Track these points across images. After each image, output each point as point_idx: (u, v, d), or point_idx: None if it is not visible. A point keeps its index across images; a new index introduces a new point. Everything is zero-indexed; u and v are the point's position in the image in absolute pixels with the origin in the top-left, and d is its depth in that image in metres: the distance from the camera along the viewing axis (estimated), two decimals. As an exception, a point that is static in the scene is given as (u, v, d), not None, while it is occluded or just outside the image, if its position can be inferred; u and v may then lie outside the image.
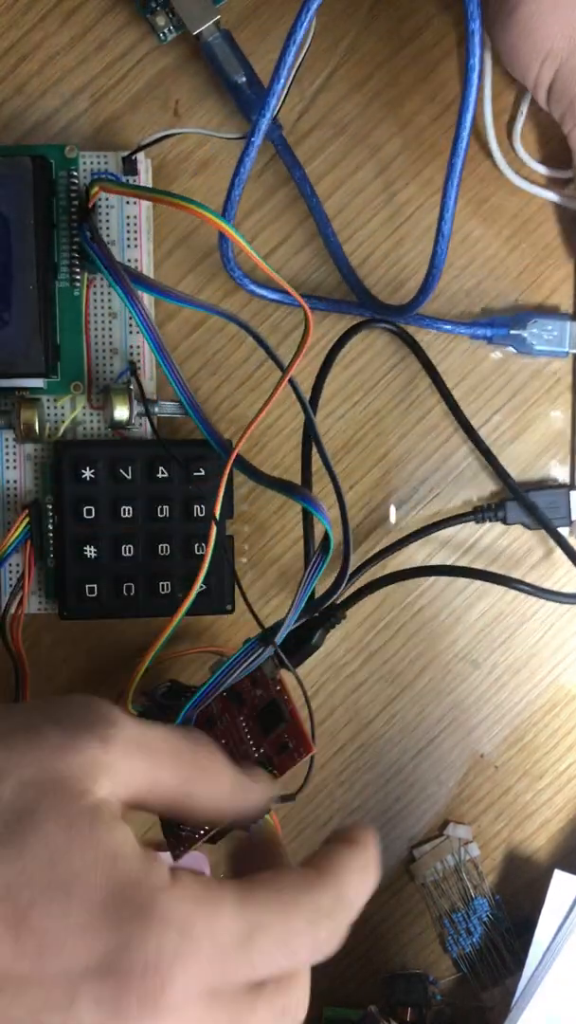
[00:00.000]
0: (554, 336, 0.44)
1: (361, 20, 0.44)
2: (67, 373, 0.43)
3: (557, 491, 0.45)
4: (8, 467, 0.44)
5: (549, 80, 0.39)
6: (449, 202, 0.39)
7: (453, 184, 0.39)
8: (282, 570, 0.46)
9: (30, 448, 0.44)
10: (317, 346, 0.45)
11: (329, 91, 0.45)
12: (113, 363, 0.43)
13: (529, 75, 0.39)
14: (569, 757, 0.47)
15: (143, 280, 0.40)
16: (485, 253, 0.45)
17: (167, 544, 0.43)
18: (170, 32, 0.43)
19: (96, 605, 0.43)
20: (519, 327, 0.44)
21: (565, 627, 0.47)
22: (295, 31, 0.37)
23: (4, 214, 0.40)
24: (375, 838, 0.31)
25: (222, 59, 0.42)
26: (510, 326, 0.44)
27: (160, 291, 0.40)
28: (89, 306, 0.43)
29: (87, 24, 0.44)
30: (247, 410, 0.45)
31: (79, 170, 0.43)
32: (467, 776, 0.47)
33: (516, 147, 0.44)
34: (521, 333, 0.44)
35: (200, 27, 0.41)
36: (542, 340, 0.44)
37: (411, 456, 0.46)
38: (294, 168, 0.44)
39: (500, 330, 0.44)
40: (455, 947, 0.47)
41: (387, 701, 0.47)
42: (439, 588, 0.46)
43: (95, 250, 0.40)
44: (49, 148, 0.42)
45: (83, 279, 0.43)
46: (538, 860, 0.47)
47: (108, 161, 0.43)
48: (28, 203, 0.40)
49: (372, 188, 0.45)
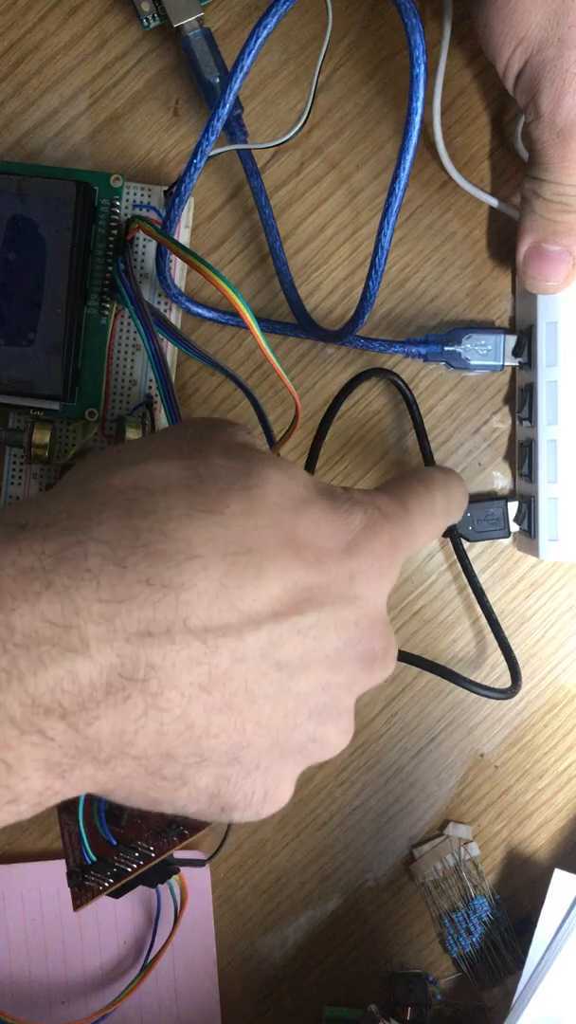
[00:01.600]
0: (489, 350, 0.44)
1: (361, 21, 0.44)
2: (84, 399, 0.43)
3: (494, 502, 0.45)
4: (13, 483, 0.43)
5: (518, 67, 0.38)
6: (385, 240, 0.37)
7: (390, 223, 0.37)
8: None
9: (37, 467, 0.43)
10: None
11: (329, 91, 0.45)
12: (131, 394, 0.43)
13: (500, 58, 0.39)
14: (569, 757, 0.47)
15: (166, 325, 0.41)
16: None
17: None
18: (153, 20, 0.42)
19: None
20: (453, 343, 0.44)
21: (565, 627, 0.47)
22: (252, 39, 0.35)
23: (43, 235, 0.40)
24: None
25: (199, 56, 0.42)
26: (444, 343, 0.44)
27: (179, 338, 0.41)
28: (114, 336, 0.43)
29: (87, 24, 0.44)
30: (246, 410, 0.45)
31: (122, 200, 0.42)
32: (467, 776, 0.47)
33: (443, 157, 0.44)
34: (456, 349, 0.44)
35: (182, 21, 0.41)
36: (478, 355, 0.44)
37: (411, 456, 0.46)
38: (252, 176, 0.44)
39: (434, 347, 0.44)
40: (455, 947, 0.47)
41: (387, 700, 0.47)
42: (439, 588, 0.46)
43: (125, 285, 0.40)
44: (94, 175, 0.42)
45: (112, 308, 0.43)
46: (538, 860, 0.47)
47: (152, 194, 0.43)
48: (68, 227, 0.40)
49: (372, 187, 0.45)
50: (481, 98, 0.45)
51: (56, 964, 0.46)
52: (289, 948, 0.47)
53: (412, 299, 0.46)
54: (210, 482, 0.27)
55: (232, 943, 0.47)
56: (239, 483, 0.27)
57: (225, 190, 0.45)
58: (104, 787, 0.26)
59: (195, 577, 0.25)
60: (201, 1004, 0.46)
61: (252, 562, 0.26)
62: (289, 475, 0.28)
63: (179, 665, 0.25)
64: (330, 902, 0.47)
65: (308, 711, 0.28)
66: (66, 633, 0.24)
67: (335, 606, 0.28)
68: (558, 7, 0.36)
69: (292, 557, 0.27)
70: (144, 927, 0.47)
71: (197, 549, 0.25)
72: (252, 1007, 0.47)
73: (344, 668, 0.29)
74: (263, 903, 0.47)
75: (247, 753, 0.27)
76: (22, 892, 0.46)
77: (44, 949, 0.46)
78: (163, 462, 0.28)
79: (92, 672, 0.24)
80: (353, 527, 0.29)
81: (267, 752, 0.27)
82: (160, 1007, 0.46)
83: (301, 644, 0.27)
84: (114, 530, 0.25)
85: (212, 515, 0.26)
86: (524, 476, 0.45)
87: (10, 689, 0.23)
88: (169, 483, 0.27)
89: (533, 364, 0.43)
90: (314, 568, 0.27)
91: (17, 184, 0.40)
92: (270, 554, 0.26)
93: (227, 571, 0.26)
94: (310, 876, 0.47)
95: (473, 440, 0.46)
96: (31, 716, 0.23)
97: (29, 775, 0.24)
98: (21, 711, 0.23)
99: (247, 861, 0.47)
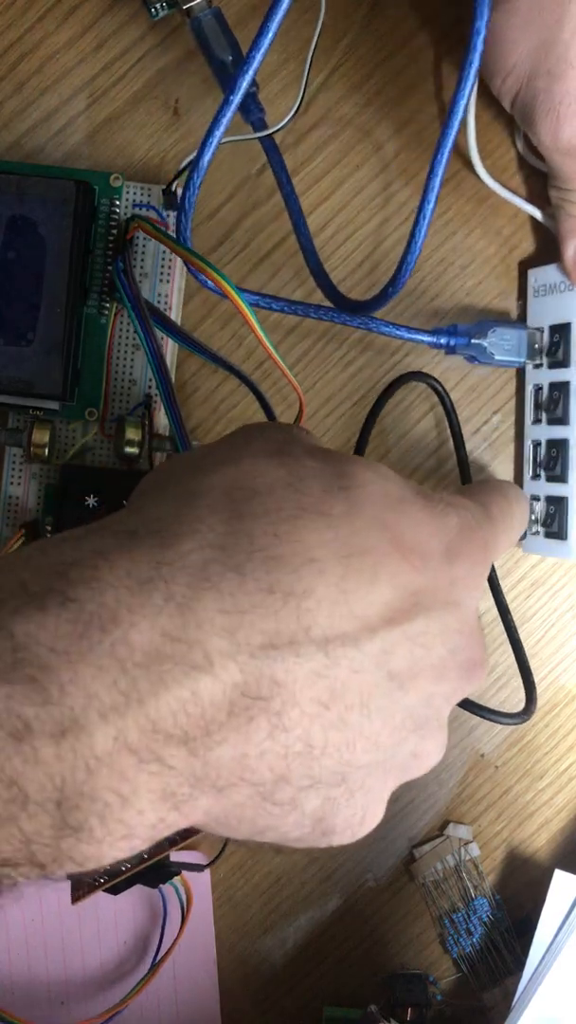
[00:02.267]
0: (512, 346, 0.44)
1: (361, 20, 0.44)
2: (84, 398, 0.43)
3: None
4: (12, 483, 0.43)
5: (511, 97, 0.39)
6: (427, 210, 0.37)
7: (432, 196, 0.37)
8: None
9: (36, 467, 0.43)
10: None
11: (329, 90, 0.44)
12: (131, 394, 0.43)
13: (492, 86, 0.39)
14: (569, 757, 0.47)
15: (166, 322, 0.40)
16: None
17: None
18: (162, 8, 0.42)
19: None
20: (480, 336, 0.43)
21: (565, 627, 0.47)
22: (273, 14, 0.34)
23: (42, 235, 0.40)
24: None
25: (210, 36, 0.41)
26: (472, 334, 0.44)
27: (180, 336, 0.41)
28: (114, 336, 0.43)
29: (86, 23, 0.44)
30: (246, 410, 0.45)
31: (122, 199, 0.42)
32: (467, 776, 0.47)
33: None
34: (482, 342, 0.44)
35: (191, 2, 0.40)
36: (502, 349, 0.44)
37: (411, 456, 0.46)
38: (280, 170, 0.43)
39: (462, 339, 0.43)
40: (455, 947, 0.46)
41: (387, 701, 0.46)
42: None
43: (124, 285, 0.40)
44: (94, 175, 0.42)
45: (111, 308, 0.43)
46: (538, 860, 0.47)
47: (152, 193, 0.43)
48: (67, 227, 0.40)
49: (372, 187, 0.45)
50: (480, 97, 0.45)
51: (55, 964, 0.46)
52: (289, 948, 0.47)
53: (411, 299, 0.45)
54: (310, 482, 0.26)
55: (232, 943, 0.47)
56: (336, 483, 0.26)
57: (224, 190, 0.45)
58: (216, 818, 0.24)
59: (315, 583, 0.24)
60: (201, 1004, 0.46)
61: (366, 565, 0.25)
62: (382, 475, 0.27)
63: (301, 680, 0.23)
64: (330, 902, 0.47)
65: (414, 725, 0.26)
66: (190, 650, 0.22)
67: (440, 612, 0.26)
68: (546, 38, 0.36)
69: (400, 560, 0.25)
70: (144, 927, 0.46)
71: (313, 552, 0.24)
72: (252, 1007, 0.47)
73: (447, 678, 0.27)
74: (263, 903, 0.47)
75: (354, 773, 0.25)
76: (22, 893, 0.46)
77: (43, 949, 0.46)
78: (259, 461, 0.26)
79: (215, 692, 0.22)
80: (450, 529, 0.28)
81: (372, 770, 0.26)
82: (160, 1007, 0.46)
83: (411, 653, 0.25)
84: (227, 535, 0.24)
85: (321, 516, 0.25)
86: (552, 478, 0.44)
87: (128, 714, 0.21)
88: (272, 484, 0.25)
89: (571, 362, 0.43)
90: (420, 572, 0.26)
91: (16, 184, 0.40)
92: (381, 556, 0.25)
93: (344, 575, 0.24)
94: (310, 876, 0.47)
95: (474, 440, 0.46)
96: (150, 743, 0.22)
97: (144, 808, 0.22)
98: (140, 738, 0.22)
99: (247, 861, 0.47)
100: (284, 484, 0.25)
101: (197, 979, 0.46)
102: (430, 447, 0.46)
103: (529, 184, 0.45)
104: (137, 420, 0.42)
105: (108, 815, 0.22)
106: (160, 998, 0.46)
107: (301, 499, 0.25)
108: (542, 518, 0.44)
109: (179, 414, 0.39)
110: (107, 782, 0.21)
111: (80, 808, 0.21)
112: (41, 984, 0.46)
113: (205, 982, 0.46)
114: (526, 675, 0.43)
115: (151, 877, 0.40)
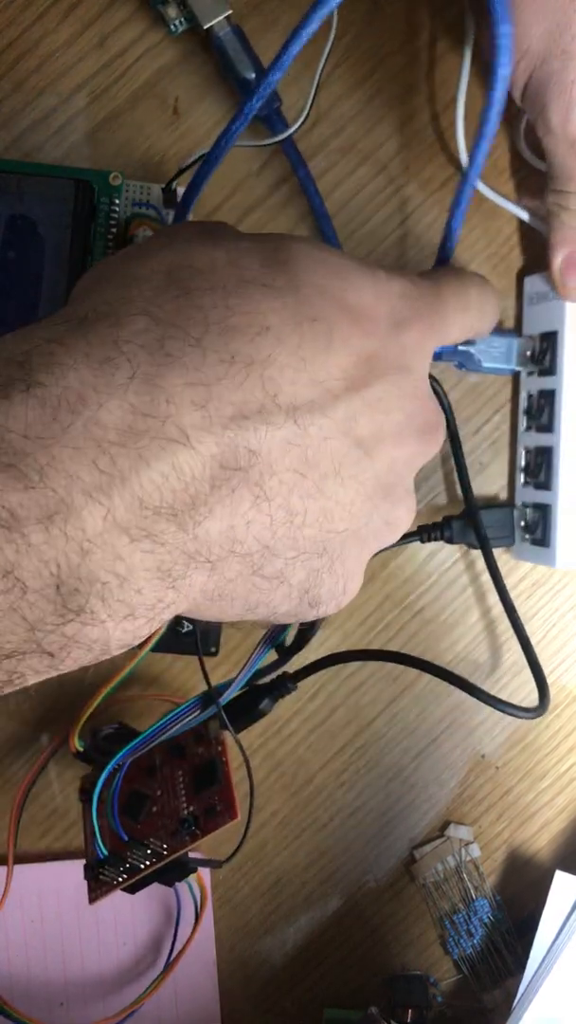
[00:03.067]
0: (500, 353, 0.44)
1: (361, 18, 0.44)
2: None
3: (503, 509, 0.45)
4: None
5: (524, 80, 0.38)
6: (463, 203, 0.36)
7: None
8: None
9: None
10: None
11: (329, 89, 0.44)
12: None
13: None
14: (570, 758, 0.47)
15: None
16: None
17: None
18: (181, 24, 0.42)
19: None
20: (468, 343, 0.43)
21: (566, 628, 0.47)
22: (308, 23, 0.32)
23: (41, 233, 0.40)
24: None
25: (232, 55, 0.41)
26: (457, 342, 0.43)
27: None
28: None
29: (86, 22, 0.44)
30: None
31: (121, 198, 0.42)
32: (468, 777, 0.47)
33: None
34: (469, 349, 0.43)
35: (211, 21, 0.41)
36: (490, 356, 0.44)
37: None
38: (299, 167, 0.43)
39: (447, 346, 0.43)
40: (456, 948, 0.46)
41: (388, 701, 0.46)
42: (439, 589, 0.46)
43: None
44: (94, 173, 0.42)
45: None
46: (539, 861, 0.47)
47: (151, 192, 0.43)
48: (67, 226, 0.40)
49: (373, 186, 0.45)
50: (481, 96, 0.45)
51: (55, 965, 0.46)
52: (289, 949, 0.47)
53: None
54: (248, 258, 0.26)
55: (232, 944, 0.47)
56: (274, 257, 0.26)
57: (223, 190, 0.44)
58: (210, 596, 0.25)
59: (273, 351, 0.24)
60: (201, 1006, 0.46)
61: (319, 332, 0.25)
62: (317, 246, 0.27)
63: (276, 449, 0.24)
64: (330, 903, 0.47)
65: (383, 492, 0.27)
66: (163, 424, 0.22)
67: (395, 377, 0.27)
68: (559, 19, 0.36)
69: (351, 324, 0.26)
70: (144, 927, 0.46)
71: (267, 321, 0.24)
72: (252, 1009, 0.47)
73: (407, 442, 0.28)
74: (263, 904, 0.47)
75: (333, 540, 0.26)
76: (21, 894, 0.46)
77: (43, 951, 0.46)
78: (194, 243, 0.26)
79: (195, 465, 0.23)
80: (392, 295, 0.28)
81: (349, 539, 0.27)
82: (160, 1009, 0.46)
83: (373, 419, 0.26)
84: (178, 311, 0.24)
85: (267, 288, 0.25)
86: (538, 485, 0.44)
87: (114, 492, 0.22)
88: (213, 262, 0.25)
89: (557, 371, 0.43)
90: (371, 336, 0.26)
91: (16, 183, 0.40)
92: (332, 323, 0.25)
93: (300, 343, 0.25)
94: (310, 877, 0.47)
95: (474, 440, 0.46)
96: (139, 520, 0.22)
97: (142, 587, 0.23)
98: (128, 516, 0.22)
99: (247, 862, 0.47)
100: (224, 262, 0.26)
101: (197, 981, 0.46)
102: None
103: (523, 187, 0.45)
104: None
105: (108, 595, 0.22)
106: (160, 1000, 0.46)
107: (243, 273, 0.25)
108: (529, 525, 0.44)
109: None
110: (102, 563, 0.22)
111: (79, 591, 0.22)
112: (40, 985, 0.46)
113: (205, 984, 0.46)
114: (536, 671, 0.43)
115: (169, 875, 0.40)
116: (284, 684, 0.40)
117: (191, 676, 0.45)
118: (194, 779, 0.40)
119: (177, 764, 0.40)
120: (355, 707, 0.46)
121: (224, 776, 0.39)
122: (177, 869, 0.40)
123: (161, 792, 0.40)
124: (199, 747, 0.40)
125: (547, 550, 0.43)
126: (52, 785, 0.46)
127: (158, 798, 0.40)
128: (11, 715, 0.45)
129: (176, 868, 0.40)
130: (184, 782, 0.40)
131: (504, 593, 0.44)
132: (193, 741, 0.40)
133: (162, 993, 0.45)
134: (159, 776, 0.41)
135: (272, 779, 0.46)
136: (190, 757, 0.40)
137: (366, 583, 0.46)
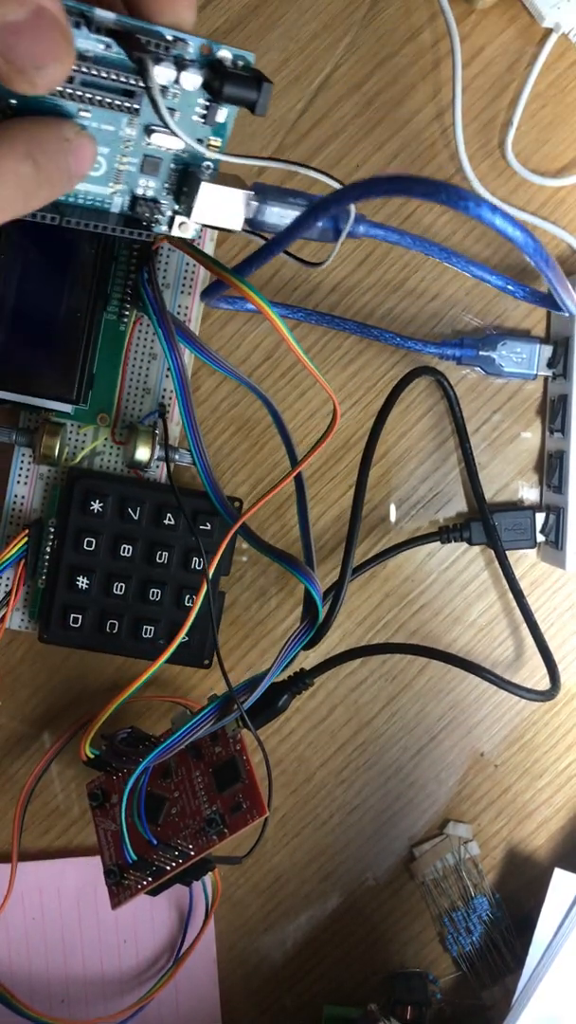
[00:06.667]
0: (523, 359, 0.44)
1: (361, 20, 0.44)
2: (96, 403, 0.43)
3: (523, 512, 0.45)
4: (19, 482, 0.43)
5: None
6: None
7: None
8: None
9: (44, 468, 0.43)
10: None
11: (329, 90, 0.45)
12: (143, 403, 0.43)
13: None
14: (569, 756, 0.47)
15: (188, 335, 0.40)
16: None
17: (159, 590, 0.42)
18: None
19: (77, 635, 0.42)
20: (488, 348, 0.44)
21: (565, 627, 0.47)
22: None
23: (68, 238, 0.40)
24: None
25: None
26: (479, 347, 0.44)
27: (201, 349, 0.41)
28: (132, 343, 0.43)
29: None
30: (246, 410, 0.45)
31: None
32: (467, 775, 0.47)
33: (508, 158, 0.44)
34: (491, 354, 0.44)
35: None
36: (511, 362, 0.44)
37: (411, 455, 0.46)
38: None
39: (468, 351, 0.44)
40: (455, 946, 0.47)
41: (387, 700, 0.47)
42: (439, 587, 0.46)
43: (148, 295, 0.39)
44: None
45: (131, 316, 0.42)
46: (538, 858, 0.47)
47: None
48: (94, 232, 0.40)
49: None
50: (481, 98, 0.45)
51: (56, 962, 0.46)
52: (289, 947, 0.47)
53: (412, 298, 0.46)
54: None
55: (232, 942, 0.47)
56: None
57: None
58: None
59: None
60: (201, 1003, 0.46)
61: None
62: None
63: None
64: (330, 901, 0.47)
65: None
66: None
67: None
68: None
69: None
70: (145, 925, 0.46)
71: None
72: (252, 1006, 0.47)
73: None
74: (263, 902, 0.47)
75: None
76: (22, 892, 0.46)
77: (44, 948, 0.46)
78: None
79: None
80: None
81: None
82: (160, 1005, 0.46)
83: None
84: None
85: None
86: (554, 488, 0.44)
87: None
88: None
89: (568, 376, 0.43)
90: None
91: None
92: None
93: None
94: (310, 875, 0.47)
95: (473, 440, 0.46)
96: None
97: None
98: None
99: (247, 861, 0.47)
100: None
101: (197, 978, 0.46)
102: (430, 447, 0.46)
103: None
104: (149, 429, 0.42)
105: None
106: (161, 996, 0.46)
107: None
108: (548, 528, 0.45)
109: (196, 425, 0.39)
110: None
111: None
112: (40, 982, 0.46)
113: (205, 981, 0.46)
114: (547, 656, 0.44)
115: (188, 874, 0.40)
116: (301, 680, 0.40)
117: (190, 676, 0.46)
118: (214, 779, 0.40)
119: (194, 765, 0.40)
120: (354, 705, 0.46)
121: (248, 774, 0.39)
122: (197, 868, 0.40)
123: (179, 793, 0.40)
124: (216, 747, 0.40)
125: (559, 553, 0.44)
126: (53, 783, 0.46)
127: (176, 800, 0.40)
128: (12, 715, 0.46)
129: (195, 867, 0.40)
130: (203, 782, 0.40)
131: (521, 597, 0.45)
132: (210, 741, 0.40)
133: (163, 990, 0.45)
134: (175, 778, 0.41)
135: (272, 777, 0.46)
136: (207, 757, 0.40)
137: (365, 582, 0.46)
